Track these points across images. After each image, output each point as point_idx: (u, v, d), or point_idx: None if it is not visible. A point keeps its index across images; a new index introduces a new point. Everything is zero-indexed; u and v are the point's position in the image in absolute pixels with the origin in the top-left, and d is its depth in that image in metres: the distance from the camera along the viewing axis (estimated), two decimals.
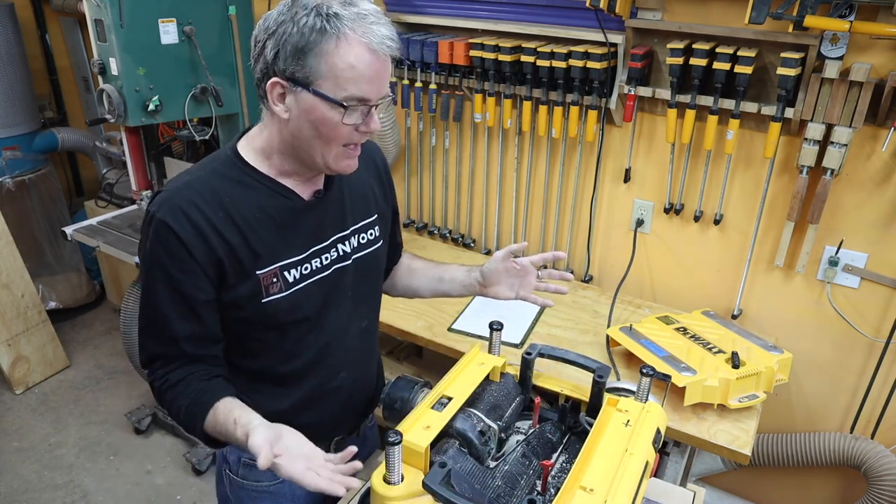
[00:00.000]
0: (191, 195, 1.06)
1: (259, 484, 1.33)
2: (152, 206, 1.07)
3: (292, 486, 1.31)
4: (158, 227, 1.05)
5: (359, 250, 1.25)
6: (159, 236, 1.05)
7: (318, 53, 0.96)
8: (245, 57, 2.48)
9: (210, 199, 1.07)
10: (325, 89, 0.98)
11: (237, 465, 1.32)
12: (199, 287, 1.08)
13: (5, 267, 2.97)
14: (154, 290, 1.08)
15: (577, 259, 2.44)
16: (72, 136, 3.52)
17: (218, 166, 1.12)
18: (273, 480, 1.32)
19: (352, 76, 0.98)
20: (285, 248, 1.13)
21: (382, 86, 1.02)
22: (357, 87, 0.99)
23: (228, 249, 1.07)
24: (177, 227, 1.04)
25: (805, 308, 2.07)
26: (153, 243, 1.06)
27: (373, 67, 0.99)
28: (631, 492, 0.96)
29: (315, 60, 0.97)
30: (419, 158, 2.65)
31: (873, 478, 1.97)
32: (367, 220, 1.27)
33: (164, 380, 1.12)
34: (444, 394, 1.15)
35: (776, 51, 1.80)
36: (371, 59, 0.98)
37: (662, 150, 2.14)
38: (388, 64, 1.01)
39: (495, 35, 2.24)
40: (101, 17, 2.13)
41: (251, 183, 1.11)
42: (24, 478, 2.65)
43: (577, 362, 1.23)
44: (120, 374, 3.24)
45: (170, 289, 1.07)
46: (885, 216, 1.86)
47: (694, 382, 1.63)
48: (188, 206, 1.05)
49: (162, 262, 1.06)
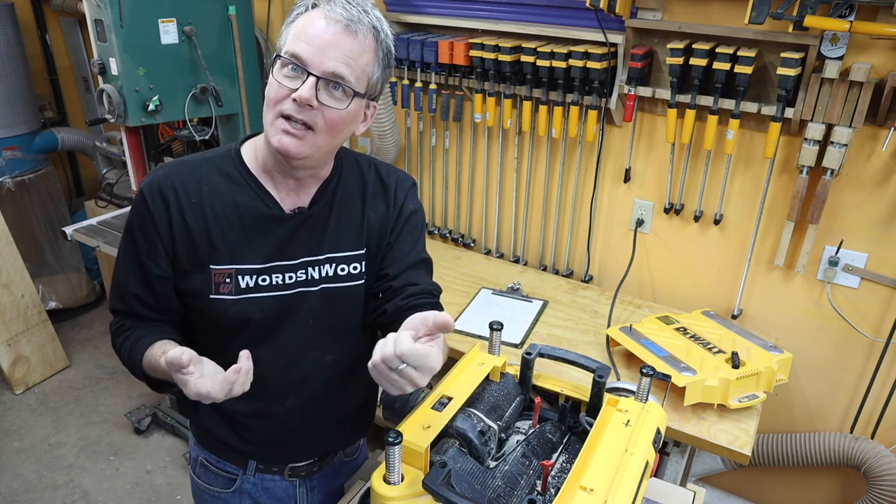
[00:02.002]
0: (174, 176, 1.11)
1: (211, 487, 1.33)
2: (145, 178, 1.15)
3: (242, 498, 1.32)
4: (138, 195, 1.12)
5: (330, 280, 1.18)
6: (136, 204, 1.13)
7: (290, 24, 1.04)
8: (245, 57, 2.48)
9: (190, 184, 1.11)
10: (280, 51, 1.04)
11: (196, 463, 1.33)
12: (155, 261, 1.12)
13: (5, 267, 2.97)
14: (122, 249, 1.16)
15: (577, 259, 2.44)
16: (72, 136, 3.52)
17: (215, 156, 1.16)
18: (225, 488, 1.32)
19: (297, 34, 1.01)
20: (246, 252, 1.12)
21: (325, 55, 0.99)
22: (298, 44, 1.00)
23: (187, 234, 1.11)
24: (149, 199, 1.10)
25: (805, 308, 2.07)
26: (132, 209, 1.14)
27: (317, 30, 0.99)
28: (631, 492, 0.96)
29: (286, 30, 1.04)
30: (419, 158, 2.65)
31: (873, 478, 1.97)
32: (350, 251, 1.19)
33: (119, 324, 1.18)
34: (444, 394, 1.15)
35: (776, 51, 1.80)
36: (321, 23, 1.00)
37: (662, 150, 2.14)
38: (340, 38, 0.99)
39: (495, 35, 2.24)
40: (101, 17, 2.13)
41: (238, 179, 1.13)
42: (24, 478, 2.65)
43: (577, 362, 1.23)
44: (120, 374, 3.24)
45: (132, 253, 1.14)
46: (885, 216, 1.86)
47: (694, 382, 1.63)
48: (166, 184, 1.10)
49: (131, 227, 1.14)
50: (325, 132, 1.04)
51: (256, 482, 1.31)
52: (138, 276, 1.14)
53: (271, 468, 1.31)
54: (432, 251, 1.33)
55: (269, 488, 1.33)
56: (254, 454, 1.29)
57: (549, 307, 2.17)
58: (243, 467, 1.30)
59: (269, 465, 1.31)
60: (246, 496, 1.32)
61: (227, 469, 1.31)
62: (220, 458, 1.30)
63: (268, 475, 1.31)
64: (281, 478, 1.32)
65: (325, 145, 1.06)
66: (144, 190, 1.11)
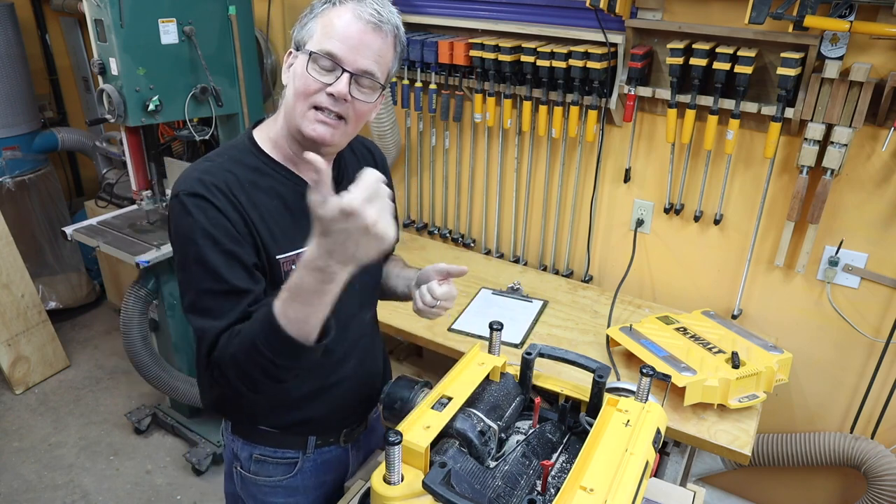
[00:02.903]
0: (214, 177, 1.08)
1: (271, 479, 1.34)
2: (179, 187, 1.07)
3: (304, 478, 1.34)
4: (192, 201, 1.04)
5: None
6: (198, 207, 1.04)
7: (315, 17, 1.08)
8: (245, 57, 2.48)
9: (232, 183, 1.09)
10: (309, 46, 1.07)
11: (249, 461, 1.33)
12: (247, 251, 1.07)
13: (5, 267, 2.97)
14: (201, 259, 1.04)
15: (577, 259, 2.44)
16: (72, 136, 3.52)
17: (235, 154, 1.15)
18: (286, 475, 1.34)
19: (329, 32, 1.05)
20: (301, 236, 1.12)
21: (358, 54, 1.05)
22: (331, 42, 1.04)
23: (253, 229, 1.10)
24: (211, 197, 1.05)
25: (805, 308, 2.07)
26: (191, 216, 1.04)
27: (349, 28, 1.05)
28: (631, 492, 0.96)
29: (312, 24, 1.07)
30: (419, 158, 2.65)
31: (873, 478, 1.97)
32: None
33: (227, 339, 1.03)
34: (444, 394, 1.15)
35: (776, 51, 1.80)
36: (352, 21, 1.04)
37: (662, 150, 2.14)
38: (371, 37, 1.06)
39: (495, 35, 2.24)
40: (101, 17, 2.13)
41: (266, 170, 1.15)
42: (24, 478, 2.65)
43: (577, 362, 1.23)
44: (120, 374, 3.24)
45: (219, 253, 1.04)
46: (885, 216, 1.86)
47: (694, 382, 1.63)
48: (217, 181, 1.08)
49: (204, 231, 1.04)
50: (353, 122, 1.12)
51: (315, 458, 1.35)
52: (238, 271, 1.06)
53: (328, 439, 1.35)
54: (433, 251, 1.37)
55: (327, 460, 1.37)
56: (314, 430, 1.32)
57: (549, 307, 2.17)
58: (303, 448, 1.33)
59: (327, 437, 1.35)
60: (308, 475, 1.35)
61: (287, 455, 1.33)
62: (278, 447, 1.32)
63: (325, 448, 1.36)
64: (336, 446, 1.37)
65: (353, 133, 1.15)
66: (201, 192, 1.05)
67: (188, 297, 1.08)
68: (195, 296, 1.07)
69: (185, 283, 1.08)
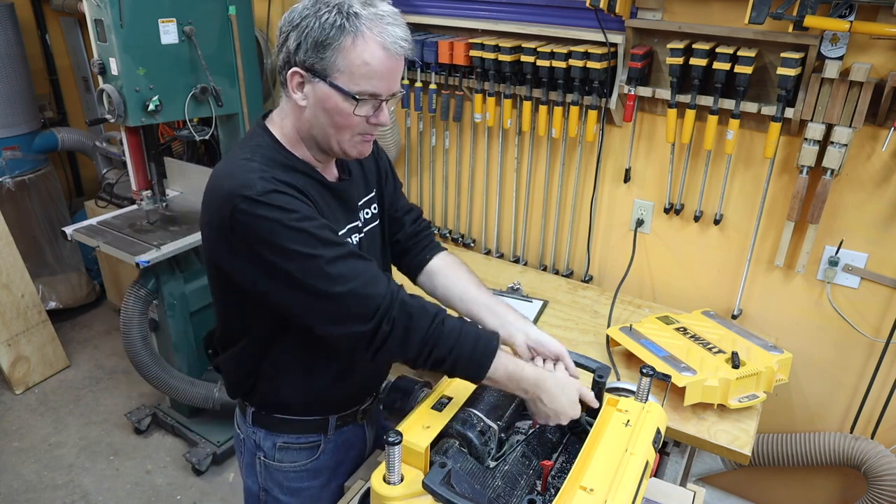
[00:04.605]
0: (265, 174, 1.05)
1: (295, 464, 1.36)
2: (243, 192, 1.02)
3: (326, 459, 1.38)
4: (269, 197, 1.02)
5: (367, 223, 1.32)
6: (281, 203, 1.03)
7: (337, 48, 1.04)
8: (245, 57, 2.48)
9: (282, 178, 1.07)
10: (341, 82, 1.05)
11: (273, 450, 1.35)
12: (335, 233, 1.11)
13: (5, 267, 2.97)
14: (315, 236, 1.04)
15: (577, 259, 2.44)
16: (72, 136, 3.52)
17: (266, 152, 1.13)
18: (309, 458, 1.36)
19: (366, 72, 1.05)
20: (336, 223, 1.18)
21: (394, 82, 1.10)
22: (369, 83, 1.06)
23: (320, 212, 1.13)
24: (283, 188, 1.04)
25: (805, 308, 2.07)
26: (283, 208, 1.02)
27: (385, 65, 1.06)
28: (631, 492, 0.96)
29: (333, 54, 1.04)
30: (419, 158, 2.65)
31: (873, 478, 1.97)
32: (370, 195, 1.33)
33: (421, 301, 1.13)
34: (444, 394, 1.15)
35: (776, 51, 1.80)
36: (384, 57, 1.05)
37: (662, 150, 2.14)
38: (400, 63, 1.09)
39: (495, 35, 2.24)
40: (101, 17, 2.13)
41: (299, 168, 1.16)
42: (24, 478, 2.65)
43: (577, 362, 1.23)
44: (120, 374, 3.24)
45: (324, 226, 1.07)
46: (885, 216, 1.86)
47: (694, 382, 1.63)
48: (276, 176, 1.06)
49: (304, 214, 1.04)
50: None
51: (335, 438, 1.38)
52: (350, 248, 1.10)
53: (347, 419, 1.37)
54: None
55: (346, 440, 1.40)
56: (335, 410, 1.35)
57: (549, 307, 2.17)
58: (324, 430, 1.35)
59: (346, 417, 1.37)
60: (329, 456, 1.38)
61: (310, 440, 1.35)
62: (301, 433, 1.35)
63: (345, 427, 1.39)
64: (354, 425, 1.41)
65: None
66: (276, 187, 1.04)
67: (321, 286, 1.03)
68: (330, 278, 1.03)
69: (301, 272, 1.03)
